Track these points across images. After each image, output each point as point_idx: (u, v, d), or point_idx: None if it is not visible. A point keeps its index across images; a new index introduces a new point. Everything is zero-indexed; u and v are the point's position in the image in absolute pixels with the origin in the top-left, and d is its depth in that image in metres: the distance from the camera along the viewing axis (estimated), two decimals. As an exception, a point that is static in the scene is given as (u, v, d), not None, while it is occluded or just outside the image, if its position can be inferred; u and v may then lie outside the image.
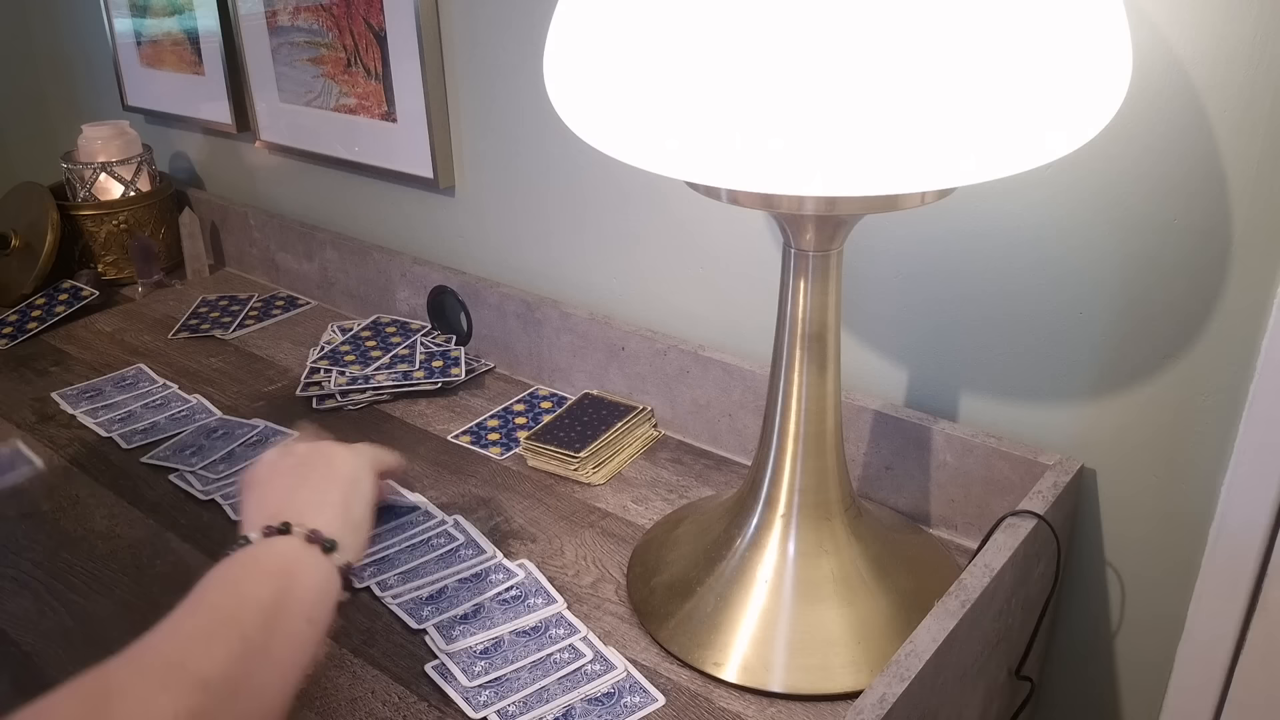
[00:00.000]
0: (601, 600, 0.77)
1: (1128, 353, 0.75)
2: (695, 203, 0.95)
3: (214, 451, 0.96)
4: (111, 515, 0.88)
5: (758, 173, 0.51)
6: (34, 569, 0.82)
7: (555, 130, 1.02)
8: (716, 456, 0.96)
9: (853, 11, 0.48)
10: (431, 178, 1.14)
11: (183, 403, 1.06)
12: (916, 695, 0.59)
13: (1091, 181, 0.73)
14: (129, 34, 1.46)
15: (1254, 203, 0.67)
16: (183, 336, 1.22)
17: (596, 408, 0.99)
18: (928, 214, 0.81)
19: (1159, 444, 0.76)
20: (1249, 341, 0.70)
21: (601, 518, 0.87)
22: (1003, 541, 0.70)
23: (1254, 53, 0.64)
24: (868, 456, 0.87)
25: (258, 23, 1.25)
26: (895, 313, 0.86)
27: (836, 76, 0.48)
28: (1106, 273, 0.74)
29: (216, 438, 0.99)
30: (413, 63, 1.09)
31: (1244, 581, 0.72)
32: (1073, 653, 0.85)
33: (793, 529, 0.73)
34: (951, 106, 0.49)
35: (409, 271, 1.18)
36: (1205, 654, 0.76)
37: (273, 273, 1.37)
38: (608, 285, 1.06)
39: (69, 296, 1.28)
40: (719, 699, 0.68)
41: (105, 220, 1.33)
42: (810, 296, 0.69)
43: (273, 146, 1.33)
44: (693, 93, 0.51)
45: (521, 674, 0.70)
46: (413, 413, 1.04)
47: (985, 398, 0.83)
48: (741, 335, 0.97)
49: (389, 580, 0.79)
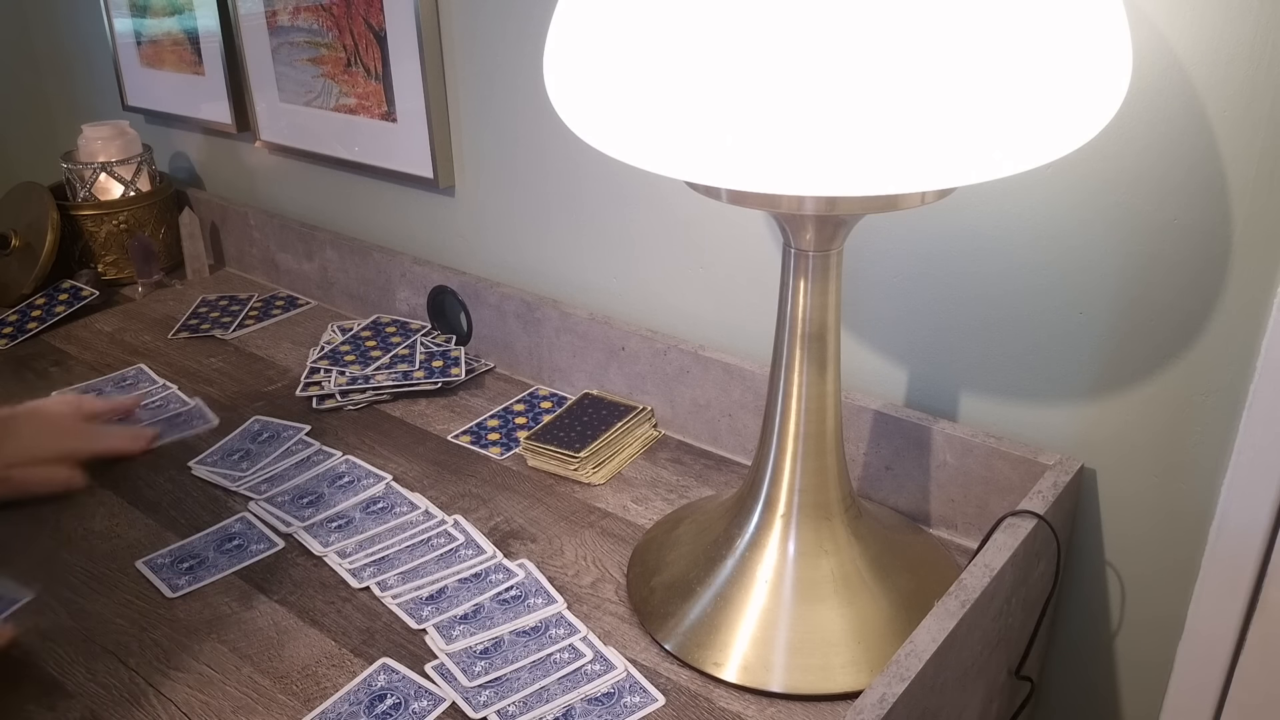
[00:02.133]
0: (601, 600, 0.77)
1: (1128, 353, 0.75)
2: (695, 203, 0.95)
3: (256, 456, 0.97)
4: (111, 515, 0.88)
5: (758, 173, 0.51)
6: (34, 569, 0.82)
7: (555, 130, 1.02)
8: (716, 456, 0.96)
9: (853, 11, 0.48)
10: (431, 178, 1.14)
11: (181, 404, 1.06)
12: (916, 695, 0.59)
13: (1091, 181, 0.73)
14: (129, 34, 1.46)
15: (1254, 203, 0.67)
16: (183, 336, 1.22)
17: (596, 408, 0.99)
18: (928, 214, 0.81)
19: (1159, 444, 0.76)
20: (1249, 341, 0.70)
21: (601, 518, 0.87)
22: (1003, 541, 0.70)
23: (1254, 53, 0.64)
24: (868, 456, 0.87)
25: (258, 23, 1.25)
26: (895, 313, 0.86)
27: (837, 76, 0.48)
28: (1106, 273, 0.74)
29: (262, 441, 0.99)
30: (413, 63, 1.09)
31: (1244, 581, 0.72)
32: (1073, 653, 0.85)
33: (793, 529, 0.73)
34: (951, 106, 0.49)
35: (409, 271, 1.18)
36: (1205, 654, 0.76)
37: (273, 273, 1.37)
38: (608, 285, 1.06)
39: (69, 296, 1.28)
40: (719, 699, 0.68)
41: (105, 220, 1.33)
42: (810, 296, 0.69)
43: (273, 146, 1.33)
44: (693, 92, 0.51)
45: (521, 674, 0.70)
46: (413, 413, 1.04)
47: (985, 398, 0.83)
48: (741, 335, 0.97)
49: (389, 580, 0.79)
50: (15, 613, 0.76)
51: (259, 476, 0.93)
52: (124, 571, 0.81)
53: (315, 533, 0.85)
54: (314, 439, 0.99)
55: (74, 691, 0.70)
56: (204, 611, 0.77)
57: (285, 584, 0.80)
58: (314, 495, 0.90)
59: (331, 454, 0.96)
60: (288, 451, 0.96)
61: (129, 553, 0.83)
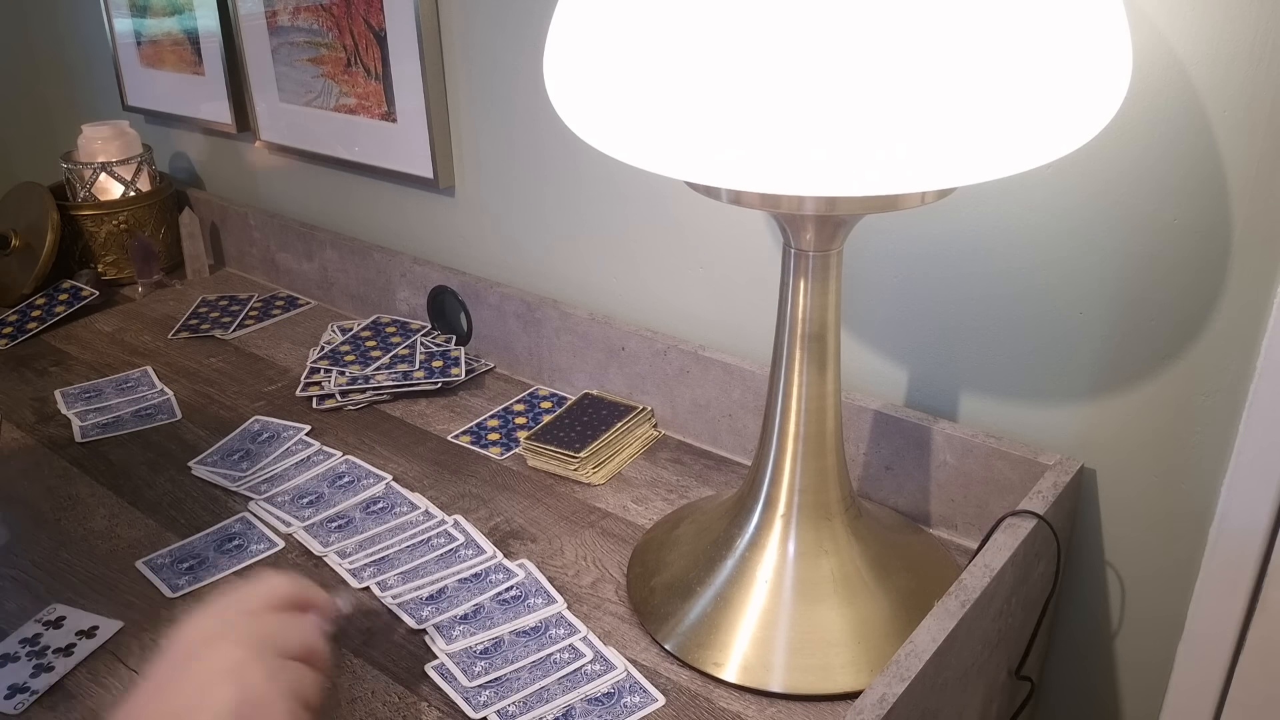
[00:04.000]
0: (601, 600, 0.77)
1: (1128, 353, 0.75)
2: (695, 203, 0.95)
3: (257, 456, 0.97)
4: (111, 515, 0.88)
5: (758, 173, 0.51)
6: (34, 569, 0.82)
7: (555, 130, 1.02)
8: (716, 456, 0.96)
9: (853, 11, 0.48)
10: (431, 178, 1.14)
11: (170, 415, 1.06)
12: (916, 695, 0.59)
13: (1091, 181, 0.73)
14: (129, 34, 1.46)
15: (1254, 203, 0.67)
16: (183, 336, 1.22)
17: (596, 408, 0.99)
18: (928, 214, 0.81)
19: (1159, 444, 0.76)
20: (1249, 341, 0.70)
21: (601, 518, 0.87)
22: (1003, 541, 0.70)
23: (1254, 53, 0.64)
24: (868, 456, 0.87)
25: (258, 23, 1.25)
26: (895, 313, 0.86)
27: (837, 76, 0.48)
28: (1107, 273, 0.74)
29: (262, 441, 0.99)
30: (413, 63, 1.09)
31: (1244, 581, 0.72)
32: (1073, 653, 0.85)
33: (793, 529, 0.73)
34: (951, 107, 0.49)
35: (409, 271, 1.18)
36: (1205, 654, 0.76)
37: (273, 273, 1.37)
38: (607, 285, 1.06)
39: (69, 296, 1.28)
40: (719, 699, 0.68)
41: (105, 220, 1.33)
42: (810, 296, 0.69)
43: (273, 146, 1.33)
44: (692, 92, 0.51)
45: (521, 674, 0.70)
46: (413, 413, 1.04)
47: (985, 398, 0.83)
48: (741, 335, 0.97)
49: (389, 580, 0.79)
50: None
51: (259, 477, 0.93)
52: (124, 571, 0.81)
53: (315, 533, 0.85)
54: (314, 439, 0.99)
55: (74, 692, 0.70)
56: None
57: (285, 584, 0.80)
58: (314, 495, 0.90)
59: (331, 454, 0.96)
60: (288, 451, 0.96)
61: (129, 553, 0.83)
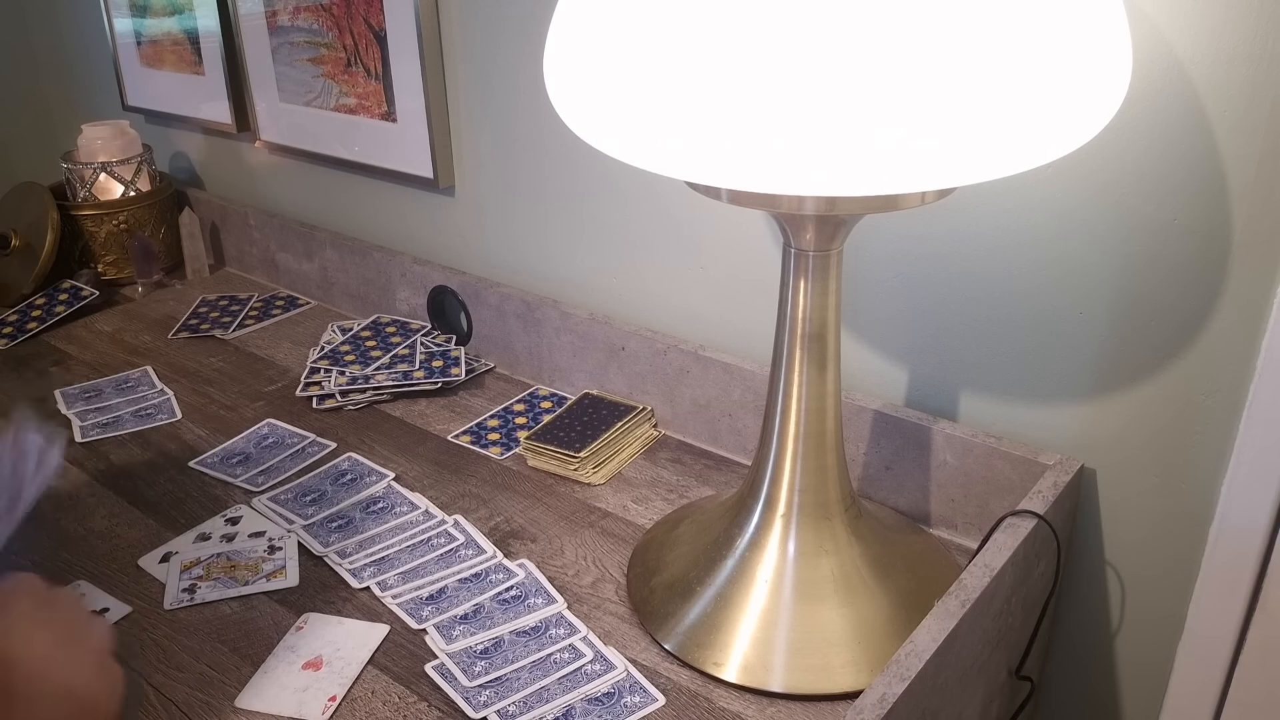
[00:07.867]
0: (601, 600, 0.77)
1: (1128, 353, 0.75)
2: (695, 203, 0.95)
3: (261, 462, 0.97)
4: (111, 515, 0.88)
5: (758, 173, 0.51)
6: (34, 569, 0.82)
7: (555, 130, 1.02)
8: (716, 456, 0.96)
9: (852, 12, 0.48)
10: (431, 178, 1.14)
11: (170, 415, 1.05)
12: (916, 695, 0.59)
13: (1091, 181, 0.73)
14: (129, 34, 1.46)
15: (1254, 203, 0.67)
16: (183, 336, 1.22)
17: (596, 408, 0.99)
18: (928, 214, 0.81)
19: (1159, 444, 0.76)
20: (1249, 341, 0.70)
21: (601, 518, 0.87)
22: (1003, 541, 0.70)
23: (1254, 53, 0.64)
24: (868, 456, 0.87)
25: (258, 23, 1.25)
26: (895, 313, 0.86)
27: (836, 77, 0.48)
28: (1107, 273, 0.74)
29: (265, 447, 0.99)
30: (413, 63, 1.09)
31: (1244, 581, 0.72)
32: (1073, 653, 0.85)
33: (793, 529, 0.73)
34: (951, 107, 0.49)
35: (409, 271, 1.18)
36: (1205, 654, 0.76)
37: (273, 273, 1.37)
38: (608, 285, 1.06)
39: (69, 296, 1.28)
40: (719, 699, 0.68)
41: (105, 220, 1.33)
42: (810, 296, 0.69)
43: (273, 146, 1.33)
44: (692, 92, 0.51)
45: (521, 674, 0.70)
46: (413, 413, 1.04)
47: (985, 398, 0.83)
48: (741, 335, 0.97)
49: (389, 580, 0.79)
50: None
51: (259, 472, 0.93)
52: (124, 571, 0.81)
53: (315, 533, 0.85)
54: (319, 444, 0.99)
55: (74, 691, 0.70)
56: (204, 611, 0.77)
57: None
58: (317, 493, 0.90)
59: (327, 445, 0.96)
60: (289, 449, 0.96)
61: (129, 553, 0.83)
